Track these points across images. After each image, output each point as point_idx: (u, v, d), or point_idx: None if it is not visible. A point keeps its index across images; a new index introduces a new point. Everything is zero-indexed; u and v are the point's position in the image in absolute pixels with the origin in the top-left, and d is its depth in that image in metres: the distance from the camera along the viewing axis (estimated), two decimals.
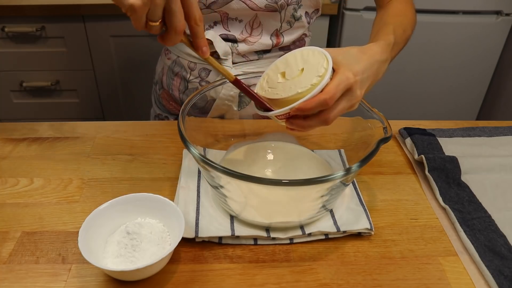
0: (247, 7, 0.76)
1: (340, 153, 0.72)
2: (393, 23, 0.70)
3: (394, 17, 0.74)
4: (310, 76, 0.53)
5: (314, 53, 0.56)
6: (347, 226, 0.60)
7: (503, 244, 0.59)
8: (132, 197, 0.59)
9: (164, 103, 0.95)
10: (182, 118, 0.60)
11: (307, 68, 0.54)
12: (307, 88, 0.52)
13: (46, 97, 1.73)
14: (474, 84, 1.81)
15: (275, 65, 0.59)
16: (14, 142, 0.79)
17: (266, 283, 0.54)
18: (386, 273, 0.56)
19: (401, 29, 0.71)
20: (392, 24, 0.69)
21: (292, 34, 0.83)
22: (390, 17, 0.74)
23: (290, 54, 0.58)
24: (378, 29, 0.71)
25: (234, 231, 0.59)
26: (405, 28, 0.72)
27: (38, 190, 0.68)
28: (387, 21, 0.72)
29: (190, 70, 0.86)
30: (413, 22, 0.77)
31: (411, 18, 0.77)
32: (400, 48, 0.71)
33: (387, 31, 0.67)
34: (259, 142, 0.74)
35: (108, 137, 0.80)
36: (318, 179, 0.50)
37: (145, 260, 0.53)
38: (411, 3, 0.80)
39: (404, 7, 0.77)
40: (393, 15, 0.75)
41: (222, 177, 0.55)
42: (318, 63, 0.54)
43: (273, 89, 0.56)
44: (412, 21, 0.77)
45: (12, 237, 0.59)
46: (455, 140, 0.80)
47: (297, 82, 0.54)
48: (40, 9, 1.49)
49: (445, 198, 0.66)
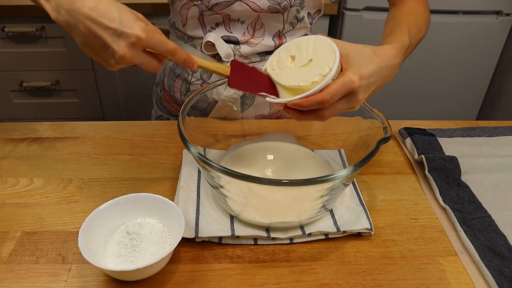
0: (249, 9, 0.76)
1: (340, 153, 0.72)
2: (408, 22, 0.68)
3: (408, 15, 0.72)
4: (315, 71, 0.53)
5: (326, 46, 0.55)
6: (347, 226, 0.60)
7: (503, 244, 0.59)
8: (132, 197, 0.59)
9: (165, 105, 0.94)
10: (182, 118, 0.60)
11: (315, 60, 0.54)
12: (308, 84, 0.53)
13: (46, 97, 1.73)
14: (474, 84, 1.80)
15: (288, 46, 0.58)
16: (14, 142, 0.79)
17: (266, 283, 0.54)
18: (386, 273, 0.56)
19: (416, 29, 0.69)
20: (407, 24, 0.67)
21: (295, 35, 0.83)
22: (404, 16, 0.72)
23: (304, 39, 0.57)
24: (392, 28, 0.69)
25: (234, 231, 0.59)
26: (420, 28, 0.71)
27: (38, 190, 0.68)
28: (401, 20, 0.69)
29: (191, 72, 0.86)
30: (427, 21, 0.75)
31: (426, 17, 0.75)
32: (413, 49, 0.69)
33: (402, 31, 0.65)
34: (259, 142, 0.74)
35: (108, 137, 0.80)
36: (318, 179, 0.50)
37: (145, 260, 0.53)
38: (425, 1, 0.78)
39: (418, 6, 0.75)
40: (407, 14, 0.73)
41: (222, 177, 0.55)
42: (326, 59, 0.54)
43: (280, 71, 0.57)
44: (426, 20, 0.75)
45: (12, 237, 0.59)
46: (455, 140, 0.80)
47: (302, 73, 0.54)
48: (40, 9, 1.49)
49: (445, 198, 0.66)
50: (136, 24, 0.49)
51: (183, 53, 0.54)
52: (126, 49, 0.49)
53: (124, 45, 0.49)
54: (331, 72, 0.52)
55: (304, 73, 0.54)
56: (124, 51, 0.49)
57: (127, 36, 0.48)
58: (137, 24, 0.49)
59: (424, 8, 0.76)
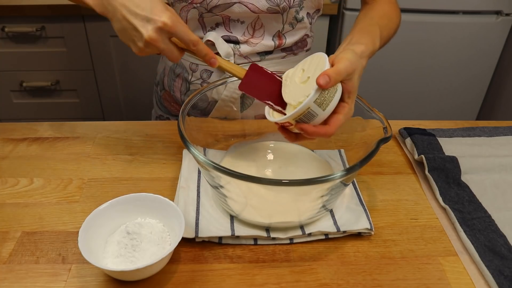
0: (248, 10, 0.76)
1: (340, 153, 0.72)
2: (381, 25, 0.70)
3: (382, 19, 0.73)
4: (306, 90, 0.53)
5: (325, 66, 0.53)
6: (347, 226, 0.60)
7: (503, 244, 0.59)
8: (132, 197, 0.59)
9: (165, 105, 0.94)
10: (182, 118, 0.60)
11: (311, 79, 0.54)
12: (295, 104, 0.54)
13: (46, 97, 1.73)
14: (474, 84, 1.80)
15: (306, 59, 0.58)
16: (14, 142, 0.79)
17: (266, 283, 0.54)
18: (386, 273, 0.56)
19: (386, 33, 0.72)
20: (379, 27, 0.69)
21: (294, 35, 0.83)
22: (378, 18, 0.73)
23: (315, 56, 0.56)
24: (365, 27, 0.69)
25: (234, 231, 0.59)
26: (389, 34, 0.74)
27: (38, 190, 0.68)
28: (374, 22, 0.71)
29: (191, 71, 0.86)
30: (397, 27, 0.78)
31: (396, 23, 0.78)
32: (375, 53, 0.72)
33: (375, 34, 0.66)
34: (259, 142, 0.74)
35: (108, 137, 0.80)
36: (318, 179, 0.50)
37: (145, 260, 0.53)
38: (397, 6, 0.80)
39: (390, 9, 0.77)
40: (381, 16, 0.74)
41: (222, 177, 0.55)
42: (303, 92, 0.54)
43: (288, 84, 0.58)
44: (397, 26, 0.78)
45: (12, 237, 0.59)
46: (455, 140, 0.80)
47: (299, 90, 0.55)
48: (40, 9, 1.49)
49: (445, 198, 0.66)
50: (164, 13, 0.55)
51: (204, 47, 0.58)
52: (153, 32, 0.55)
53: (151, 29, 0.55)
54: (308, 97, 0.51)
55: (300, 90, 0.54)
56: (151, 34, 0.55)
57: (154, 22, 0.55)
58: (165, 13, 0.55)
59: (396, 14, 0.78)
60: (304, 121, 0.53)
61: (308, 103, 0.51)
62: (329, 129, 0.54)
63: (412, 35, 1.62)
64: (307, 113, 0.52)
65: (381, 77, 1.73)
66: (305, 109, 0.51)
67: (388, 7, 0.77)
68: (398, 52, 1.66)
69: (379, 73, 1.72)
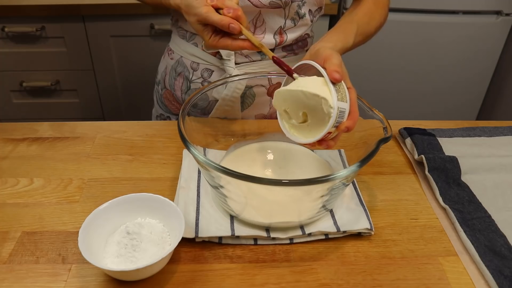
0: (251, 5, 0.76)
1: (340, 153, 0.72)
2: (359, 22, 0.74)
3: (363, 16, 0.77)
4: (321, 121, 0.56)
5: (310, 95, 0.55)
6: (347, 226, 0.60)
7: (503, 244, 0.59)
8: (132, 197, 0.59)
9: (166, 103, 0.94)
10: (182, 118, 0.60)
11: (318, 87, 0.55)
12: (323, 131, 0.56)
13: (46, 97, 1.73)
14: (474, 84, 1.81)
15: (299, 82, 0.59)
16: (14, 142, 0.79)
17: (266, 283, 0.54)
18: (386, 273, 0.56)
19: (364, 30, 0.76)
20: (357, 24, 0.73)
21: (295, 32, 0.83)
22: (359, 16, 0.77)
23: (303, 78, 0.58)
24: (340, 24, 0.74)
25: (234, 231, 0.59)
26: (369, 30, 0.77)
27: (38, 190, 0.68)
28: (354, 20, 0.75)
29: (192, 70, 0.86)
30: (379, 25, 0.81)
31: (379, 21, 0.80)
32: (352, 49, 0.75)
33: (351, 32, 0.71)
34: (259, 142, 0.74)
35: (108, 137, 0.80)
36: (318, 179, 0.50)
37: (145, 260, 0.53)
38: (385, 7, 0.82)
39: (376, 9, 0.80)
40: (364, 14, 0.77)
41: (222, 177, 0.55)
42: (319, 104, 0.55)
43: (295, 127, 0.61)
44: (378, 23, 0.80)
45: (12, 237, 0.59)
46: (455, 140, 0.80)
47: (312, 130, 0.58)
48: (40, 9, 1.49)
49: (445, 198, 0.66)
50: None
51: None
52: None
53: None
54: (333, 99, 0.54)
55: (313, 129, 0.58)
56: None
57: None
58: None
59: (380, 14, 0.81)
60: (339, 122, 0.56)
61: (335, 104, 0.54)
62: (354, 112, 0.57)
63: (412, 35, 1.62)
64: (339, 112, 0.54)
65: (381, 77, 1.73)
66: (337, 111, 0.54)
67: (374, 6, 0.80)
68: (398, 52, 1.67)
69: (379, 73, 1.72)
